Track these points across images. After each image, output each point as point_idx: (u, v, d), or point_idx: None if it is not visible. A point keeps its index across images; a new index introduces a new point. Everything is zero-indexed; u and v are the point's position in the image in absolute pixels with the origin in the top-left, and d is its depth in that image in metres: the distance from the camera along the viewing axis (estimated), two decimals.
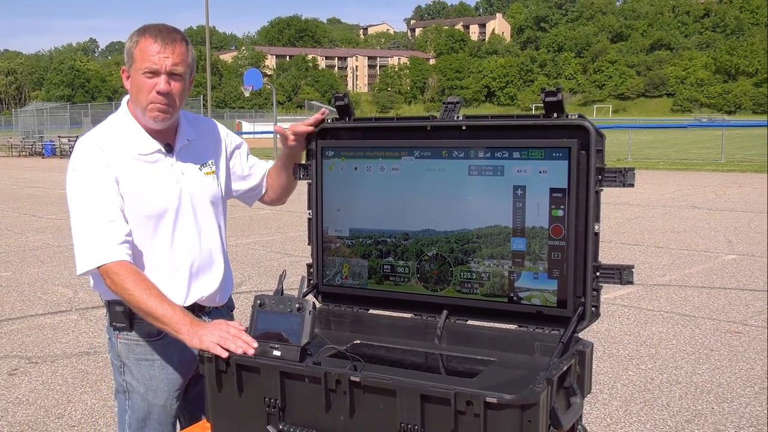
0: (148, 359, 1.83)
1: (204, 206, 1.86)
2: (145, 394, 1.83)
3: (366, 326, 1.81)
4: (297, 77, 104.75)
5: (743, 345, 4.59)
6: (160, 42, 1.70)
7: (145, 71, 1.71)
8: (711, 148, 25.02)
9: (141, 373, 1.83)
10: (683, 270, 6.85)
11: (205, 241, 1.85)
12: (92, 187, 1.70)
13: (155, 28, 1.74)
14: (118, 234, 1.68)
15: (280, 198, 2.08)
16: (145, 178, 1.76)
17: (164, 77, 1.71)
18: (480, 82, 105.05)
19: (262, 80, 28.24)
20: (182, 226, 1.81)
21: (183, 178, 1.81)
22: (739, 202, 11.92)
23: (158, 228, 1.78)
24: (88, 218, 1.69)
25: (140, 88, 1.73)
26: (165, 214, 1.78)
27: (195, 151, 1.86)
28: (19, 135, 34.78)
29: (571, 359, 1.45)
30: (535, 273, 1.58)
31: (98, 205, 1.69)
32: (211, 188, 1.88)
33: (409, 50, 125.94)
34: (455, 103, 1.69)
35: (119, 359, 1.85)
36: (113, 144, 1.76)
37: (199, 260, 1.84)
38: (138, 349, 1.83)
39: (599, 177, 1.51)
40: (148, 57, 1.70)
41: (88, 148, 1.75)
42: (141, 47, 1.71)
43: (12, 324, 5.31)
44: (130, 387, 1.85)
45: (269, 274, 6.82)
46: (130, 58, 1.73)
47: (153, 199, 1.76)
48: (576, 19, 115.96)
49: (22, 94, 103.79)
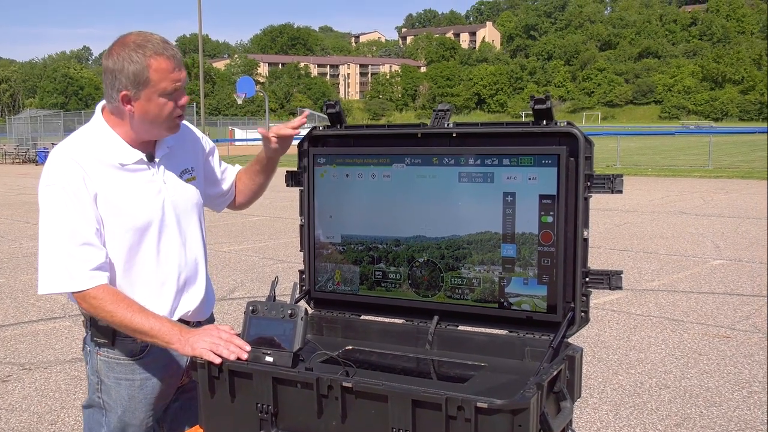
0: (129, 379, 1.75)
1: (187, 215, 1.80)
2: (122, 415, 1.76)
3: (358, 332, 1.82)
4: (289, 85, 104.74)
5: (731, 349, 4.63)
6: (173, 58, 1.63)
7: (169, 92, 1.63)
8: (698, 154, 25.26)
9: (120, 394, 1.75)
10: (672, 275, 6.90)
11: (189, 251, 1.80)
12: (69, 206, 1.61)
13: (153, 42, 1.62)
14: (93, 258, 1.61)
15: (248, 202, 2.04)
16: (126, 190, 1.68)
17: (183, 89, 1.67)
18: (470, 90, 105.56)
19: (254, 88, 28.28)
20: (167, 237, 1.74)
21: (165, 188, 1.75)
22: (726, 207, 12.04)
23: (143, 241, 1.71)
24: (62, 238, 1.60)
25: (161, 109, 1.64)
26: (149, 226, 1.71)
27: (175, 159, 1.80)
28: (13, 142, 34.62)
29: (561, 364, 1.46)
30: (525, 279, 1.60)
31: (74, 225, 1.60)
32: (194, 195, 1.83)
33: (400, 58, 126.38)
34: (446, 110, 1.71)
35: (97, 376, 1.77)
36: (91, 156, 1.67)
37: (186, 272, 1.78)
38: (119, 368, 1.75)
39: (588, 183, 1.53)
40: (168, 77, 1.62)
41: (66, 162, 1.64)
42: (156, 68, 1.60)
43: (5, 330, 5.27)
44: (107, 406, 1.77)
45: (262, 281, 6.81)
46: (141, 83, 1.60)
47: (136, 211, 1.69)
48: (565, 27, 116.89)
49: (16, 102, 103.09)
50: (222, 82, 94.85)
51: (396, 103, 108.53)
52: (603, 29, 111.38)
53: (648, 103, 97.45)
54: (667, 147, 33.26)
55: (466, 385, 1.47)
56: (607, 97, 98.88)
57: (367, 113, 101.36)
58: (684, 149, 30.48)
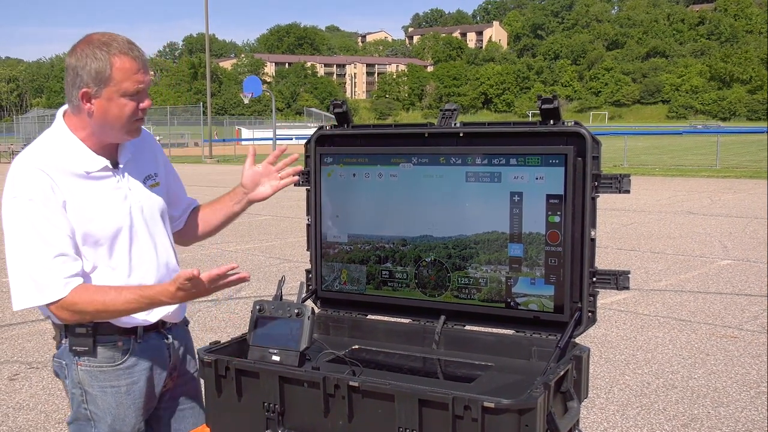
0: (114, 386, 1.70)
1: (154, 220, 1.77)
2: (113, 423, 1.71)
3: (364, 331, 1.82)
4: (296, 84, 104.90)
5: (739, 350, 4.61)
6: (138, 59, 1.59)
7: (131, 93, 1.59)
8: (706, 154, 25.12)
9: (107, 402, 1.70)
10: (679, 275, 6.87)
11: (161, 255, 1.77)
12: (38, 218, 1.55)
13: (118, 41, 1.59)
14: (69, 269, 1.57)
15: (202, 237, 1.97)
16: (93, 198, 1.64)
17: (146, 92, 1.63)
18: (477, 89, 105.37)
19: (261, 87, 28.34)
20: (138, 243, 1.71)
21: (131, 194, 1.71)
22: (734, 207, 11.97)
23: (114, 248, 1.67)
24: (34, 252, 1.55)
25: (122, 110, 1.60)
26: (119, 233, 1.67)
27: (138, 165, 1.77)
28: (21, 142, 34.88)
29: (568, 364, 1.46)
30: (532, 278, 1.59)
31: (46, 236, 1.55)
32: (159, 201, 1.79)
33: (407, 58, 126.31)
34: (452, 110, 1.71)
35: (80, 388, 1.70)
36: (57, 164, 1.61)
37: (158, 276, 1.74)
38: (102, 376, 1.69)
39: (595, 183, 1.52)
40: (131, 78, 1.58)
41: (31, 173, 1.58)
42: (119, 67, 1.57)
43: (12, 329, 5.30)
44: (95, 416, 1.71)
45: (268, 280, 6.82)
46: (103, 80, 1.56)
47: (104, 219, 1.64)
48: (572, 26, 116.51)
49: (24, 101, 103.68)
50: (229, 82, 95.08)
51: (403, 103, 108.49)
52: (610, 28, 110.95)
53: (655, 102, 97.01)
54: (674, 147, 33.10)
55: (473, 385, 1.47)
56: (614, 97, 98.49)
57: (373, 113, 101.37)
58: (692, 149, 30.33)
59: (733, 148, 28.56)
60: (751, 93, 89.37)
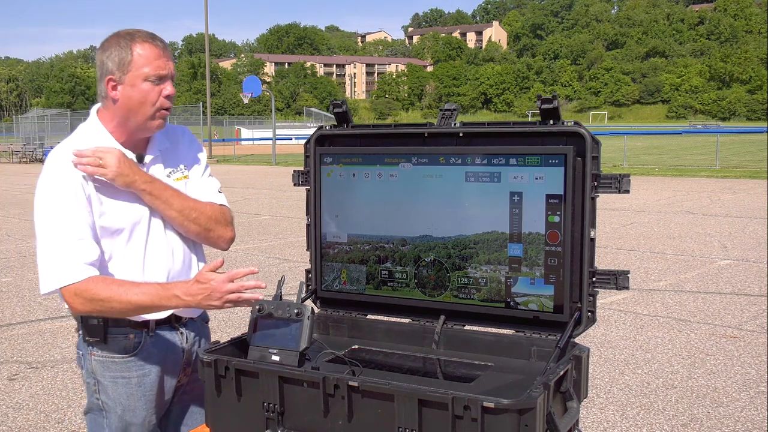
0: (125, 377, 1.74)
1: None
2: (123, 414, 1.75)
3: (364, 331, 1.82)
4: (295, 84, 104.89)
5: (738, 350, 4.61)
6: (160, 46, 1.66)
7: (152, 78, 1.64)
8: (706, 154, 25.13)
9: (117, 393, 1.74)
10: (679, 275, 6.87)
11: (178, 251, 1.78)
12: (63, 207, 1.63)
13: (141, 32, 1.67)
14: (85, 254, 1.61)
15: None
16: (115, 191, 1.69)
17: (170, 81, 1.68)
18: (477, 89, 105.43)
19: (261, 87, 28.31)
20: (154, 238, 1.74)
21: None
22: (733, 207, 11.97)
23: (130, 241, 1.71)
24: (55, 238, 1.62)
25: (145, 96, 1.64)
26: (136, 226, 1.71)
27: (167, 159, 1.80)
28: (20, 141, 34.81)
29: (568, 364, 1.46)
30: (531, 278, 1.59)
31: (67, 224, 1.62)
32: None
33: (406, 57, 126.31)
34: (452, 110, 1.71)
35: (93, 377, 1.75)
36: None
37: (173, 272, 1.76)
38: (114, 367, 1.74)
39: (595, 183, 1.53)
40: (152, 62, 1.64)
41: (63, 165, 1.66)
42: (141, 53, 1.63)
43: (12, 329, 5.30)
44: (106, 406, 1.76)
45: (268, 280, 6.77)
46: (126, 65, 1.63)
47: (123, 212, 1.69)
48: (572, 26, 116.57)
49: (23, 101, 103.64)
50: (228, 82, 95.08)
51: (402, 103, 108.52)
52: (610, 28, 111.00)
53: (655, 102, 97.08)
54: (674, 146, 33.11)
55: (473, 385, 1.47)
56: (614, 97, 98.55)
57: (373, 113, 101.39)
58: (691, 149, 30.34)
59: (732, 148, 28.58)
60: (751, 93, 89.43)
